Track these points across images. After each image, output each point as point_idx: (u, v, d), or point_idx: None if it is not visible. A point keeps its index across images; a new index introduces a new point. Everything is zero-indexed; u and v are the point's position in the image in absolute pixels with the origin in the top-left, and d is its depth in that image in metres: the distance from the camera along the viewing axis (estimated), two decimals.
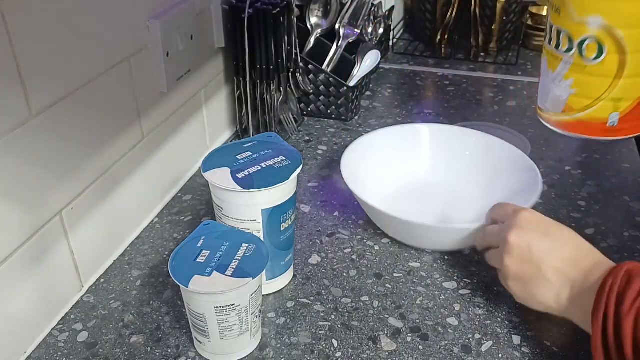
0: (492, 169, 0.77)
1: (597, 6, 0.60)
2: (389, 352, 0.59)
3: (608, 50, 0.61)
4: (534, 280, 0.56)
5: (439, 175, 0.81)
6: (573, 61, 0.64)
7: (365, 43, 1.07)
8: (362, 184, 0.73)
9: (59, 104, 0.58)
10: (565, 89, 0.66)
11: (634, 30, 0.60)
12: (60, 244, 0.62)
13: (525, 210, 0.60)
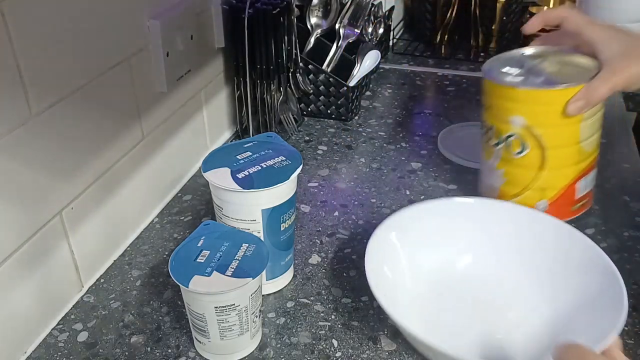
0: (558, 265, 0.60)
1: (518, 108, 0.66)
2: (389, 352, 0.59)
3: (530, 146, 0.67)
4: None
5: (486, 269, 0.64)
6: (502, 154, 0.70)
7: (365, 43, 1.07)
8: (388, 278, 0.59)
9: (59, 104, 0.58)
10: (498, 178, 0.72)
11: (550, 129, 0.66)
12: (60, 244, 0.62)
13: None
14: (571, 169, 0.70)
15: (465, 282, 0.64)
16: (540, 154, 0.68)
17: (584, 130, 0.67)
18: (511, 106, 0.67)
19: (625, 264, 0.69)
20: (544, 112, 0.66)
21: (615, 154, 0.91)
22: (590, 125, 0.67)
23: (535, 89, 0.65)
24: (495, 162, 0.71)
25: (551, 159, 0.68)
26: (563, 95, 0.64)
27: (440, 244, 0.65)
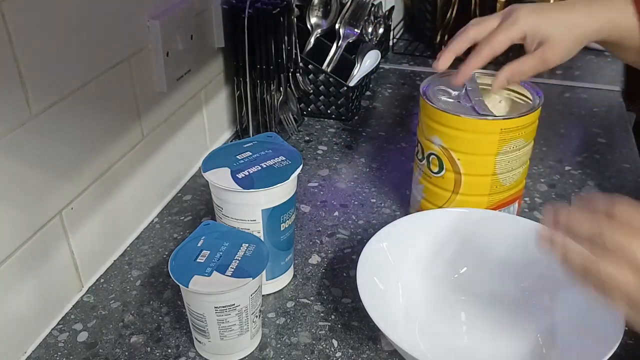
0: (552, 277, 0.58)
1: (437, 129, 0.66)
2: (389, 352, 0.59)
3: (446, 168, 0.68)
4: None
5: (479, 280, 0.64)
6: (424, 170, 0.71)
7: (365, 43, 1.07)
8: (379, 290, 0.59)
9: (59, 104, 0.58)
10: (419, 192, 0.73)
11: (466, 156, 0.66)
12: (60, 244, 0.62)
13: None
14: (484, 199, 0.68)
15: (458, 293, 0.63)
16: (455, 177, 0.67)
17: (501, 163, 0.66)
18: (432, 125, 0.67)
19: None
20: (459, 138, 0.65)
21: (615, 154, 0.91)
22: (509, 159, 0.66)
23: (450, 114, 0.64)
24: (418, 177, 0.72)
25: (465, 185, 0.68)
26: (477, 124, 0.64)
27: (434, 255, 0.64)
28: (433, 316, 0.61)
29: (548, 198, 0.81)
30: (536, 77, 1.17)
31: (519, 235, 0.62)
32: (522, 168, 0.69)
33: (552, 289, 0.60)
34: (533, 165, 0.88)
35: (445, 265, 0.65)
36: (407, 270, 0.63)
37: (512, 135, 0.64)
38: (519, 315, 0.60)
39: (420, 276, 0.63)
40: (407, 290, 0.62)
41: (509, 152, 0.65)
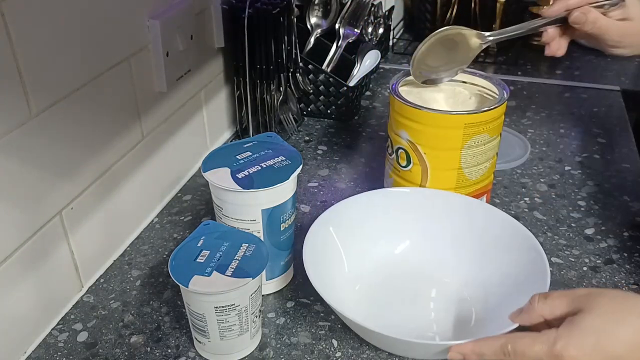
0: (487, 246, 0.64)
1: (404, 124, 0.68)
2: (389, 352, 0.59)
3: (413, 162, 0.69)
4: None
5: (421, 251, 0.68)
6: (393, 164, 0.72)
7: (365, 43, 1.07)
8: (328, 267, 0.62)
9: (59, 104, 0.58)
10: (389, 185, 0.74)
11: (432, 150, 0.67)
12: (60, 244, 0.62)
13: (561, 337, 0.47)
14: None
15: (403, 265, 0.67)
16: (422, 171, 0.69)
17: (466, 158, 0.67)
18: (400, 120, 0.68)
19: (625, 264, 0.69)
20: (425, 132, 0.66)
21: (615, 154, 0.91)
22: (474, 154, 0.67)
23: (416, 108, 0.66)
24: (389, 171, 0.74)
25: (432, 179, 0.69)
26: (442, 119, 0.65)
27: (378, 232, 0.68)
28: (380, 287, 0.65)
29: (548, 198, 0.81)
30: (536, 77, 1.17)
31: (454, 209, 0.67)
32: (488, 163, 0.70)
33: (487, 255, 0.64)
34: (533, 166, 0.88)
35: (391, 240, 0.68)
36: (351, 245, 0.66)
37: (476, 130, 0.65)
38: (455, 283, 0.65)
39: (365, 250, 0.67)
40: (352, 264, 0.66)
41: (474, 147, 0.67)
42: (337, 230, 0.65)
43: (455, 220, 0.67)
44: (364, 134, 0.98)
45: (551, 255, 0.71)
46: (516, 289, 0.58)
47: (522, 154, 0.90)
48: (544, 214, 0.78)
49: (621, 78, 1.17)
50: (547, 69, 1.23)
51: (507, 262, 0.62)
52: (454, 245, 0.66)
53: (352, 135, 0.97)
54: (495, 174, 0.86)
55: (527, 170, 0.87)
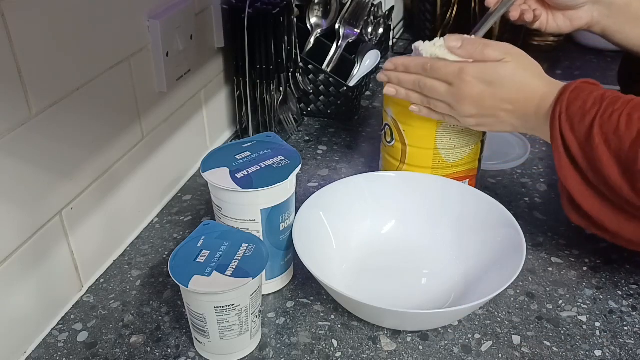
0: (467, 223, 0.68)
1: (389, 101, 0.72)
2: (389, 352, 0.59)
3: (395, 139, 0.73)
4: (492, 125, 0.65)
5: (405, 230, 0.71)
6: (382, 140, 0.77)
7: (365, 43, 1.07)
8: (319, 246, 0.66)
9: (59, 104, 0.58)
10: (380, 160, 0.80)
11: (409, 127, 0.71)
12: (60, 244, 0.62)
13: (467, 68, 0.62)
14: (427, 172, 0.73)
15: (389, 244, 0.71)
16: (402, 148, 0.73)
17: (441, 139, 0.70)
18: (386, 97, 0.73)
19: (625, 264, 0.69)
20: (404, 110, 0.70)
21: None
22: (451, 137, 0.70)
23: None
24: (381, 145, 0.79)
25: (410, 156, 0.73)
26: None
27: (365, 214, 0.71)
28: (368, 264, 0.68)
29: (548, 198, 0.81)
30: None
31: (432, 190, 0.71)
32: (468, 149, 0.72)
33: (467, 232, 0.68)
34: (533, 166, 0.88)
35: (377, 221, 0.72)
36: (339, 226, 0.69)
37: None
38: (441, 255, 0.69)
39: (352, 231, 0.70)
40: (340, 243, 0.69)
41: (450, 129, 0.70)
42: (325, 212, 0.68)
43: (435, 201, 0.71)
44: (364, 134, 0.98)
45: (551, 255, 0.71)
46: (494, 263, 0.63)
47: (522, 154, 0.90)
48: (544, 214, 0.78)
49: None
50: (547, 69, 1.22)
51: (485, 238, 0.66)
52: (436, 224, 0.70)
53: (352, 135, 0.97)
54: (495, 174, 0.86)
55: (527, 170, 0.87)
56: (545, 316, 0.63)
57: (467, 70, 0.61)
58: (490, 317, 0.63)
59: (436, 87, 0.64)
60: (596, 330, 0.61)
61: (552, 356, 0.58)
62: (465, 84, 0.62)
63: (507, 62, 0.61)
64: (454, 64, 0.62)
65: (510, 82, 0.61)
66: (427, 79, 0.64)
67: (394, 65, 0.67)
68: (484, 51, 0.62)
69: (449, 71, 0.62)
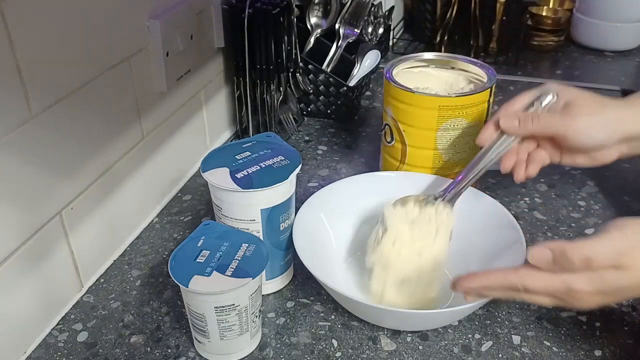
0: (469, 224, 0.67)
1: (389, 101, 0.72)
2: (389, 352, 0.59)
3: (395, 139, 0.73)
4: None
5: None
6: (382, 139, 0.77)
7: (365, 43, 1.07)
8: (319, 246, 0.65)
9: (59, 104, 0.58)
10: (380, 159, 0.79)
11: (410, 128, 0.71)
12: (60, 244, 0.62)
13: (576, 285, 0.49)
14: (428, 172, 0.72)
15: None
16: (402, 148, 0.73)
17: (442, 139, 0.70)
18: (387, 98, 0.73)
19: None
20: (404, 110, 0.70)
21: None
22: (451, 137, 0.70)
23: (398, 87, 0.70)
24: (381, 146, 0.79)
25: (410, 156, 0.73)
26: (418, 99, 0.69)
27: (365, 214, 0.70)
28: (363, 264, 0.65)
29: (548, 198, 0.81)
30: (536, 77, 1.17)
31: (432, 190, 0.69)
32: (467, 149, 0.72)
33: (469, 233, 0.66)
34: None
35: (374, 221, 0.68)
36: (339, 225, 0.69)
37: (452, 114, 0.68)
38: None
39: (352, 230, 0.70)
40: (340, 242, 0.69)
41: (450, 130, 0.70)
42: (325, 212, 0.68)
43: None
44: (364, 134, 0.98)
45: None
46: (494, 263, 0.62)
47: None
48: (544, 214, 0.78)
49: (621, 78, 1.17)
50: (547, 69, 1.23)
51: (485, 238, 0.66)
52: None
53: (352, 135, 0.97)
54: (495, 174, 0.86)
55: None
56: (545, 316, 0.63)
57: (577, 286, 0.48)
58: (490, 317, 0.63)
59: (538, 302, 0.51)
60: (596, 330, 0.61)
61: (552, 356, 0.58)
62: (578, 300, 0.49)
63: (627, 269, 0.47)
64: (556, 280, 0.49)
65: (637, 287, 0.48)
66: (526, 295, 0.51)
67: (468, 291, 0.54)
68: (591, 264, 0.48)
69: (550, 289, 0.50)
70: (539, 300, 0.51)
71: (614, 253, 0.47)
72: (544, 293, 0.50)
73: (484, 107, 0.70)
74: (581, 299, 0.49)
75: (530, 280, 0.50)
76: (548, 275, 0.49)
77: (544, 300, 0.51)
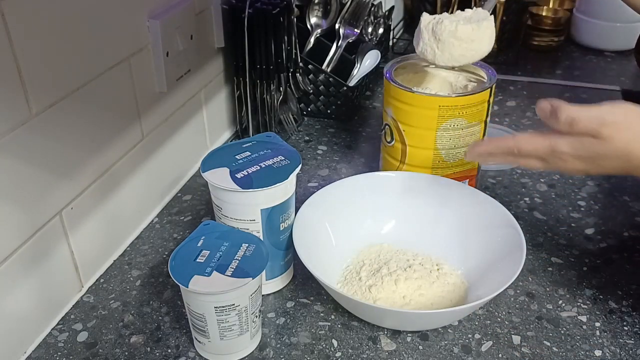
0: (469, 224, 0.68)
1: (389, 101, 0.73)
2: (389, 352, 0.59)
3: (395, 139, 0.73)
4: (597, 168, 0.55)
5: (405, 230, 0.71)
6: (382, 139, 0.77)
7: (365, 43, 1.07)
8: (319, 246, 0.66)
9: (59, 104, 0.58)
10: (380, 159, 0.80)
11: (410, 128, 0.71)
12: (60, 244, 0.62)
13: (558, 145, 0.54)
14: (428, 172, 0.73)
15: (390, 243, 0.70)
16: (402, 148, 0.73)
17: (442, 139, 0.70)
18: (387, 98, 0.73)
19: (625, 264, 0.69)
20: (404, 110, 0.71)
21: None
22: (451, 137, 0.70)
23: (398, 87, 0.71)
24: (381, 146, 0.79)
25: (410, 156, 0.73)
26: (418, 99, 0.69)
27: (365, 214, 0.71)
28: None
29: (548, 198, 0.81)
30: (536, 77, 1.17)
31: (432, 190, 0.70)
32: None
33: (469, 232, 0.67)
34: None
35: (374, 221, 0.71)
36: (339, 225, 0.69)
37: (452, 114, 0.68)
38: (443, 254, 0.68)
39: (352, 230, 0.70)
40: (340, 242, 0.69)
41: (450, 130, 0.70)
42: (325, 212, 0.68)
43: (435, 201, 0.70)
44: (364, 134, 0.98)
45: (551, 255, 0.71)
46: (494, 263, 0.62)
47: None
48: (544, 214, 0.78)
49: (621, 78, 1.17)
50: (547, 69, 1.23)
51: (485, 238, 0.66)
52: (436, 224, 0.70)
53: (352, 135, 0.97)
54: (495, 174, 0.86)
55: (527, 170, 0.87)
56: (545, 316, 0.63)
57: (560, 147, 0.54)
58: (490, 317, 0.63)
59: (530, 165, 0.57)
60: (596, 330, 0.61)
61: (552, 356, 0.58)
62: (562, 162, 0.55)
63: (604, 139, 0.51)
64: (544, 141, 0.55)
65: (614, 157, 0.52)
66: (519, 159, 0.57)
67: (475, 156, 0.62)
68: (573, 125, 0.53)
69: (539, 150, 0.55)
70: (531, 164, 0.57)
71: (597, 121, 0.51)
72: (534, 155, 0.56)
73: (484, 107, 0.70)
74: (565, 160, 0.54)
75: (524, 142, 0.56)
76: (538, 137, 0.55)
77: (535, 164, 0.56)
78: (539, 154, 0.56)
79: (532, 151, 0.56)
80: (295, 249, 0.61)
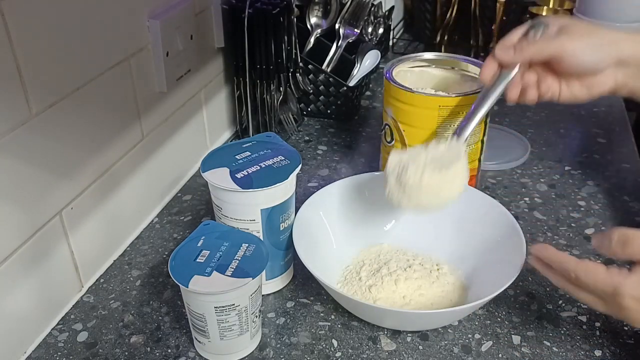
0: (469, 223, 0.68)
1: (389, 101, 0.72)
2: (389, 352, 0.59)
3: (395, 138, 0.73)
4: None
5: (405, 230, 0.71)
6: (382, 139, 0.77)
7: (365, 43, 1.07)
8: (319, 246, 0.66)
9: (59, 104, 0.58)
10: (380, 160, 0.79)
11: (410, 128, 0.71)
12: (60, 244, 0.62)
13: (622, 288, 0.48)
14: None
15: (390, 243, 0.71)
16: (402, 148, 0.73)
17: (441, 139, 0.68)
18: (387, 98, 0.73)
19: (626, 264, 0.69)
20: (403, 110, 0.70)
21: (615, 154, 0.91)
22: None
23: (398, 87, 0.70)
24: (381, 146, 0.78)
25: None
26: (417, 99, 0.69)
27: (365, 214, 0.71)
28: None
29: (548, 198, 0.81)
30: None
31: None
32: (467, 149, 0.71)
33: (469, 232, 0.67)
34: (533, 166, 0.88)
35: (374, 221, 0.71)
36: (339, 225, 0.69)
37: (452, 114, 0.68)
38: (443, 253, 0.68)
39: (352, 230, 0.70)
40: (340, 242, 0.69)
41: (450, 130, 0.69)
42: (325, 212, 0.68)
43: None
44: (364, 134, 0.98)
45: None
46: (494, 263, 0.62)
47: (522, 154, 0.90)
48: (544, 214, 0.78)
49: None
50: None
51: (485, 238, 0.66)
52: (436, 224, 0.69)
53: (352, 135, 0.97)
54: (495, 174, 0.86)
55: (527, 170, 0.87)
56: (545, 316, 0.63)
57: (624, 291, 0.47)
58: (490, 317, 0.63)
59: (588, 302, 0.51)
60: (596, 330, 0.61)
61: (552, 356, 0.58)
62: (625, 310, 0.48)
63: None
64: (606, 279, 0.48)
65: None
66: (575, 289, 0.51)
67: (536, 260, 0.54)
68: (626, 245, 0.49)
69: (599, 286, 0.49)
70: (586, 299, 0.50)
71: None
72: (592, 289, 0.49)
73: None
74: (629, 309, 0.47)
75: (583, 271, 0.49)
76: (601, 272, 0.49)
77: (590, 300, 0.50)
78: (599, 292, 0.49)
79: (591, 284, 0.49)
80: (295, 249, 0.61)
